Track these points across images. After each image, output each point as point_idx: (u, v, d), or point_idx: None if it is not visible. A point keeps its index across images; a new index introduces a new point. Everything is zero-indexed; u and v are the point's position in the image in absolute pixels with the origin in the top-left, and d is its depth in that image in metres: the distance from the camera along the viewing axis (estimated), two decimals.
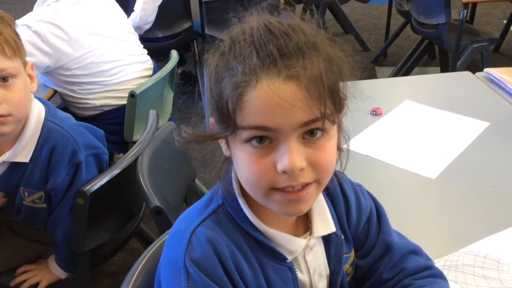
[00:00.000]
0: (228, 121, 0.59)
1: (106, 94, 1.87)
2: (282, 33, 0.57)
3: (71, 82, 1.80)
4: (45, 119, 1.19)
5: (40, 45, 1.65)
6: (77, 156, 1.19)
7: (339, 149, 0.66)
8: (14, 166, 1.20)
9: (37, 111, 1.19)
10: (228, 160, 0.67)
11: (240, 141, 0.59)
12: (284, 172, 0.57)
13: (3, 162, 1.19)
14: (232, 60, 0.58)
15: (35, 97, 1.22)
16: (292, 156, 0.56)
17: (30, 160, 1.19)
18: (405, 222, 0.97)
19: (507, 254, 0.92)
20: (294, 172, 0.57)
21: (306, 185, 0.60)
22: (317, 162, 0.59)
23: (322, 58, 0.58)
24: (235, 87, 0.57)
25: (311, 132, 0.58)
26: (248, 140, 0.58)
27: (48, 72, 1.76)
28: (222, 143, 0.65)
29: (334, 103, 0.58)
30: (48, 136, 1.18)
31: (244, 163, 0.60)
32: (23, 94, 1.12)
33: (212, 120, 0.64)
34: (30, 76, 1.17)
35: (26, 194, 1.23)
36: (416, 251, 0.80)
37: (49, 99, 1.73)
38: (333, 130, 0.61)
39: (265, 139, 0.58)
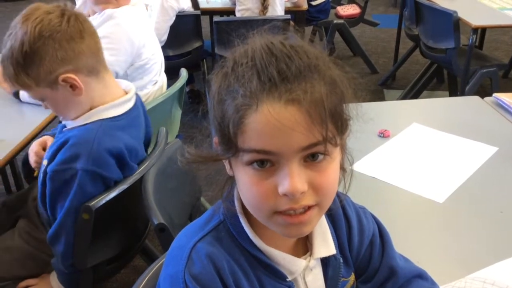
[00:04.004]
0: (230, 143, 0.58)
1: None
2: (284, 55, 0.57)
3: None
4: (101, 119, 1.21)
5: None
6: (76, 160, 1.16)
7: (343, 169, 0.66)
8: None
9: (105, 113, 1.22)
10: (231, 179, 0.67)
11: (242, 163, 0.59)
12: (285, 195, 0.57)
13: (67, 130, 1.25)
14: (234, 82, 0.58)
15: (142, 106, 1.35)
16: (293, 179, 0.56)
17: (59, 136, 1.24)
18: (411, 246, 0.96)
19: None
20: (295, 195, 0.57)
21: (308, 208, 0.59)
22: (319, 185, 0.58)
23: (324, 81, 0.57)
24: (236, 110, 0.56)
25: (313, 156, 0.57)
26: (250, 163, 0.58)
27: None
28: (225, 162, 0.65)
29: (337, 125, 0.58)
30: (83, 129, 1.20)
31: (246, 185, 0.60)
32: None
33: (215, 139, 0.64)
34: (72, 86, 1.17)
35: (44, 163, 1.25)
36: (421, 275, 0.79)
37: None
38: (336, 152, 0.60)
39: (266, 162, 0.57)
